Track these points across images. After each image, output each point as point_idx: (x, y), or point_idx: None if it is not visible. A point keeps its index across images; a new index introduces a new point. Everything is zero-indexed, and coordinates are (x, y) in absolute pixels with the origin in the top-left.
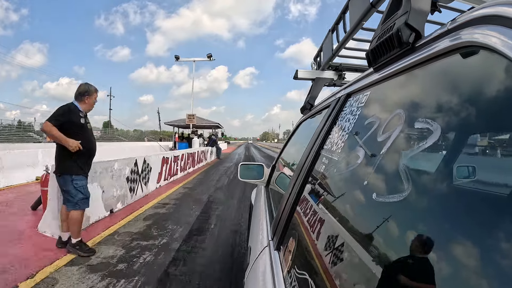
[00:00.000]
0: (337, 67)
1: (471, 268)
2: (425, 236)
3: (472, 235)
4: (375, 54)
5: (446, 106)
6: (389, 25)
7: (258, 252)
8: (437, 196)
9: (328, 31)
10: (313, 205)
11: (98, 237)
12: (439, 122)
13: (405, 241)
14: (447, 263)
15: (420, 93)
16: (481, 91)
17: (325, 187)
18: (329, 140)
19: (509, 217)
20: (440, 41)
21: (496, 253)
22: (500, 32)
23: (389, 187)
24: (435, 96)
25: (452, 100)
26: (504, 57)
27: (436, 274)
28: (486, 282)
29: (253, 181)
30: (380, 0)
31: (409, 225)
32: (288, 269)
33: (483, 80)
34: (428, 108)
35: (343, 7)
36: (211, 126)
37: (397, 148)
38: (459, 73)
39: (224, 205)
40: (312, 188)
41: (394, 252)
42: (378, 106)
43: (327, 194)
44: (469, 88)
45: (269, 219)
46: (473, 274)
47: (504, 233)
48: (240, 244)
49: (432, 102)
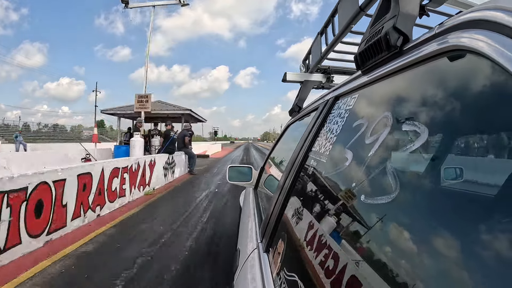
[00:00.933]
0: (326, 70)
1: (458, 269)
2: (413, 237)
3: (459, 236)
4: (364, 57)
5: (433, 108)
6: (377, 29)
7: (247, 254)
8: (424, 197)
9: (317, 34)
10: (301, 207)
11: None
12: (426, 124)
13: (393, 243)
14: (436, 265)
15: (407, 96)
16: (468, 94)
17: (313, 189)
18: (317, 142)
19: (497, 218)
20: (428, 44)
21: (484, 253)
22: (487, 36)
23: (377, 189)
24: (422, 99)
25: (439, 103)
26: (490, 60)
27: (425, 276)
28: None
29: (241, 183)
30: (369, 3)
31: (397, 226)
32: (277, 271)
33: (469, 83)
34: (416, 111)
35: (332, 10)
36: (179, 115)
37: (385, 150)
38: (446, 76)
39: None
40: (300, 190)
41: (383, 254)
42: (366, 109)
43: (315, 196)
44: (455, 91)
45: (257, 221)
46: (460, 275)
47: (492, 233)
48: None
49: (419, 104)
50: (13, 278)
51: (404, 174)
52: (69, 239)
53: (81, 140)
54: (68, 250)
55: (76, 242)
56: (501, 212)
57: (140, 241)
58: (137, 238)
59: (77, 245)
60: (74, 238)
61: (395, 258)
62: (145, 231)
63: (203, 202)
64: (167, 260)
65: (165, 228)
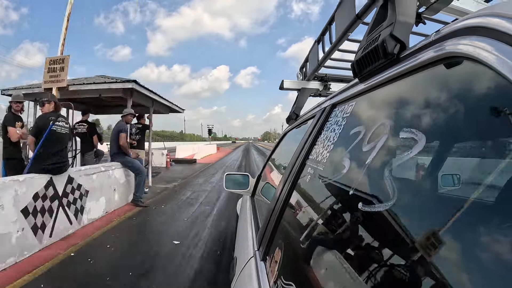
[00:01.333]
0: (323, 78)
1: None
2: (411, 246)
3: (457, 242)
4: (361, 65)
5: (430, 115)
6: (374, 36)
7: (244, 262)
8: (422, 204)
9: (314, 42)
10: (298, 215)
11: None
12: (423, 131)
13: (391, 251)
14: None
15: (404, 103)
16: (465, 101)
17: (310, 197)
18: (314, 150)
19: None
20: (425, 52)
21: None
22: (484, 42)
23: (375, 197)
24: (419, 106)
25: (436, 110)
26: (487, 66)
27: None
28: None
29: (238, 191)
30: (366, 11)
31: (395, 235)
32: (274, 280)
33: (466, 90)
34: (413, 118)
35: (329, 18)
36: (117, 94)
37: (383, 157)
38: (443, 83)
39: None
40: (297, 198)
41: (381, 263)
42: (364, 116)
43: (312, 204)
44: (453, 98)
45: (254, 229)
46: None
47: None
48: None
49: (416, 111)
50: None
51: (402, 181)
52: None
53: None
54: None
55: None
56: (500, 217)
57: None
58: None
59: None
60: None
61: (393, 266)
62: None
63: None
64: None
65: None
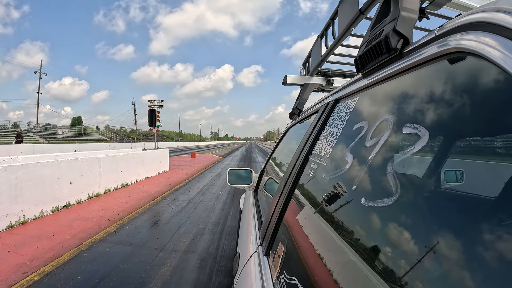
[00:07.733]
0: (326, 73)
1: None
2: (414, 240)
3: (460, 238)
4: (364, 60)
5: (434, 111)
6: (377, 32)
7: (247, 257)
8: (425, 200)
9: (317, 37)
10: (301, 210)
11: None
12: (426, 127)
13: (394, 246)
14: (437, 267)
15: (408, 99)
16: (469, 96)
17: (313, 192)
18: (317, 145)
19: (498, 220)
20: (428, 47)
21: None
22: (488, 37)
23: (378, 192)
24: (422, 102)
25: (439, 105)
26: (491, 62)
27: (425, 278)
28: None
29: (241, 186)
30: (369, 6)
31: (398, 229)
32: (277, 275)
33: (470, 85)
34: (416, 113)
35: (332, 13)
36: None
37: (386, 153)
38: (446, 79)
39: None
40: (300, 194)
41: (384, 257)
42: (367, 112)
43: (315, 200)
44: (456, 93)
45: (257, 224)
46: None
47: (493, 236)
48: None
49: (419, 107)
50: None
51: (405, 177)
52: None
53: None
54: None
55: None
56: (503, 213)
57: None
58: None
59: None
60: None
61: (396, 260)
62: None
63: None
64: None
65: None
